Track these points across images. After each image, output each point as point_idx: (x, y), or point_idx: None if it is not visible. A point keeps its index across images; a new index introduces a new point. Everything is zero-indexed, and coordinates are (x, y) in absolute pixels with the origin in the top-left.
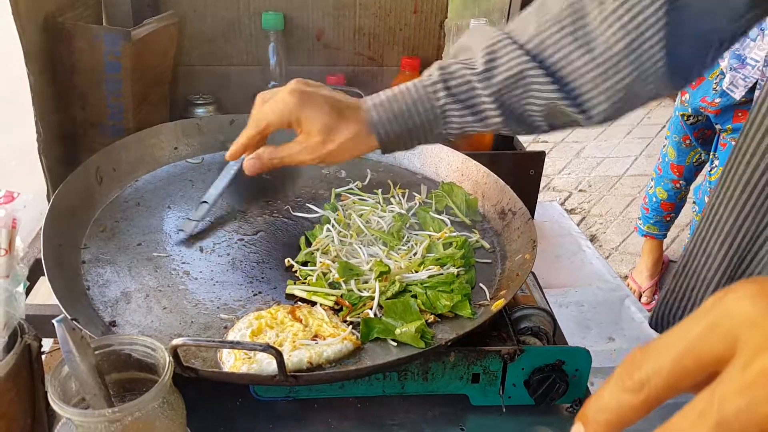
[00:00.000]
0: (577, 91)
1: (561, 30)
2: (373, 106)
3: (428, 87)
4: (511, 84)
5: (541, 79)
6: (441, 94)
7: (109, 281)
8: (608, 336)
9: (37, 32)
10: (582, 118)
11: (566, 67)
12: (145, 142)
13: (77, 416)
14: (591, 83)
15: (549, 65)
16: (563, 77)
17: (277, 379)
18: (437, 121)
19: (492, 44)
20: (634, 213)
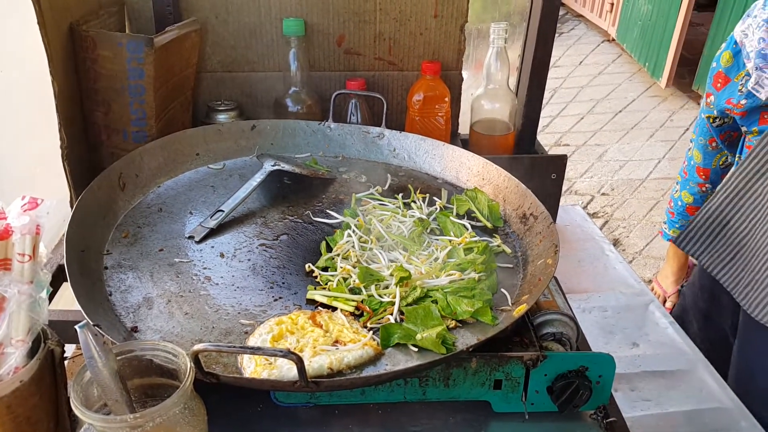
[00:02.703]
0: None
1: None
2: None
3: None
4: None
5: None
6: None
7: (131, 287)
8: (632, 341)
9: (62, 40)
10: None
11: None
12: (168, 148)
13: (99, 422)
14: None
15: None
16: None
17: (297, 385)
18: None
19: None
20: (657, 216)
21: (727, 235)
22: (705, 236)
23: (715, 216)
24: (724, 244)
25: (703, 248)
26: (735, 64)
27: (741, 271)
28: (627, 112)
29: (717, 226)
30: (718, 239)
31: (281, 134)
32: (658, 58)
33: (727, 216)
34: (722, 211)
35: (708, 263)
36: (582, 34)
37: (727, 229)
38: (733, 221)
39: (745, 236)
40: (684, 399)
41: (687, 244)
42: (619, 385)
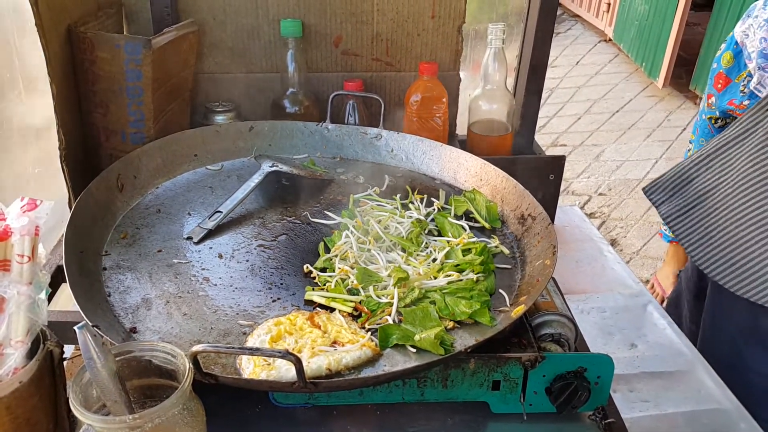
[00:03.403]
0: None
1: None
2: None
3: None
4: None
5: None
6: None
7: (129, 288)
8: (631, 342)
9: (60, 42)
10: None
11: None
12: (166, 149)
13: (98, 422)
14: None
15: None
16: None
17: (296, 386)
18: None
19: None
20: (654, 217)
21: (689, 190)
22: (670, 188)
23: (684, 171)
24: (685, 198)
25: (665, 198)
26: (736, 64)
27: (694, 225)
28: (624, 112)
29: (683, 181)
30: (680, 192)
31: (279, 135)
32: (655, 58)
33: (695, 173)
34: (691, 167)
35: (665, 212)
36: (579, 34)
37: (691, 184)
38: (699, 178)
39: (705, 194)
40: (683, 400)
41: (652, 193)
42: (618, 386)
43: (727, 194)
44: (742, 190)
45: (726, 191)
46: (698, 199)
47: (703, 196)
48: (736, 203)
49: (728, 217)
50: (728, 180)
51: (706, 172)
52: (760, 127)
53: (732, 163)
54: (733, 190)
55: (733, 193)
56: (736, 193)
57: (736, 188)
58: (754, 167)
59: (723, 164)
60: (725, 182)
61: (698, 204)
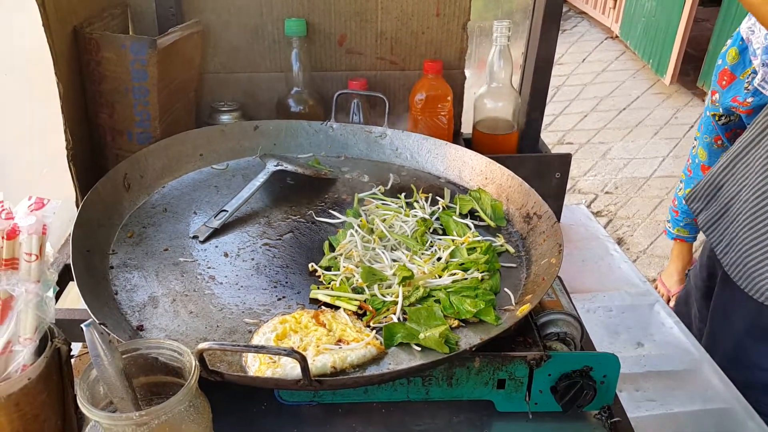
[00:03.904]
0: None
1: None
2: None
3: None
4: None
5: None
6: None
7: (136, 286)
8: (637, 341)
9: (66, 43)
10: None
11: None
12: (172, 149)
13: (105, 419)
14: None
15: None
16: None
17: (301, 384)
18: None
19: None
20: (662, 215)
21: (720, 197)
22: (704, 196)
23: (714, 178)
24: (717, 206)
25: (703, 206)
26: (741, 61)
27: (724, 231)
28: (631, 109)
29: (714, 188)
30: (713, 200)
31: (284, 134)
32: (662, 54)
33: (723, 179)
34: (719, 174)
35: (702, 222)
36: (585, 31)
37: (721, 191)
38: (726, 185)
39: (731, 199)
40: (689, 399)
41: (692, 202)
42: (624, 385)
43: (747, 199)
44: (757, 194)
45: (746, 196)
46: (726, 205)
47: (729, 203)
48: (753, 207)
49: (747, 222)
50: (748, 184)
51: (732, 177)
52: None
53: (750, 166)
54: (750, 195)
55: (751, 197)
56: (753, 198)
57: (753, 192)
58: (766, 171)
59: (744, 168)
60: (746, 187)
61: (726, 211)
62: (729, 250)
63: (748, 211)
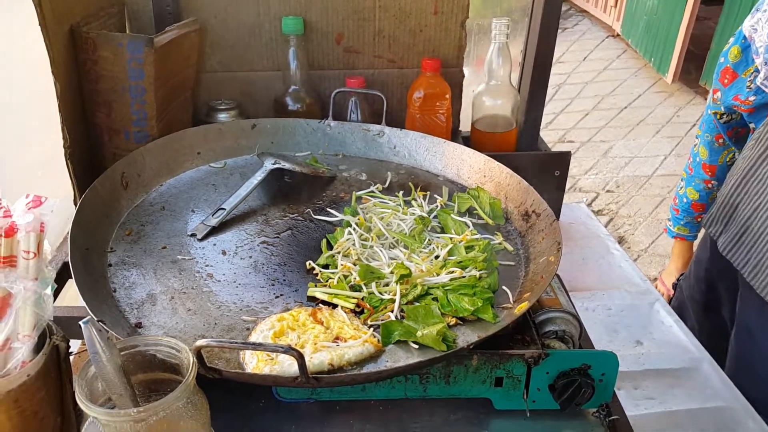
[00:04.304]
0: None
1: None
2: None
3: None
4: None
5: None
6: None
7: (134, 284)
8: (637, 340)
9: (63, 42)
10: None
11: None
12: (169, 147)
13: (103, 415)
14: None
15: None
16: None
17: (298, 381)
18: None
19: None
20: (663, 214)
21: (737, 217)
22: (721, 219)
23: (727, 199)
24: (734, 226)
25: (722, 229)
26: (743, 59)
27: (748, 251)
28: (632, 108)
29: (729, 209)
30: (730, 221)
31: (281, 133)
32: (664, 53)
33: (736, 199)
34: (732, 194)
35: (722, 245)
36: (586, 30)
37: (737, 211)
38: (741, 204)
39: (750, 217)
40: (688, 398)
41: (710, 225)
42: (623, 383)
43: (766, 215)
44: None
45: (766, 212)
46: (744, 225)
47: (747, 222)
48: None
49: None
50: (764, 201)
51: (746, 196)
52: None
53: (763, 181)
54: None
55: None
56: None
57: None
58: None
59: (757, 185)
60: (762, 203)
61: (746, 230)
62: (759, 271)
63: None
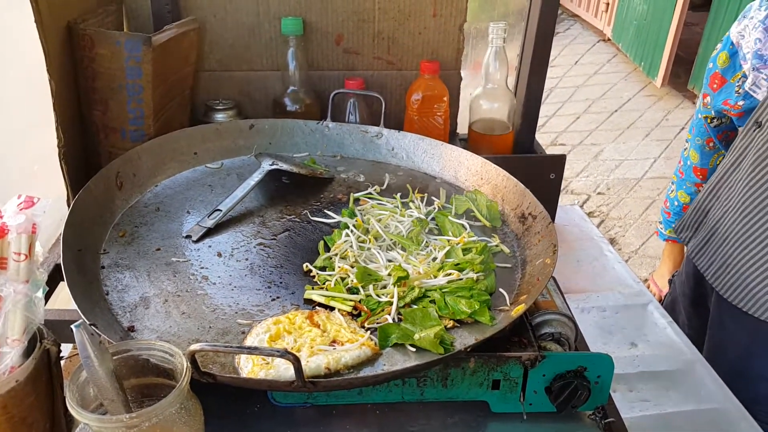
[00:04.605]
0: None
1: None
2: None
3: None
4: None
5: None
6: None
7: (128, 286)
8: (631, 342)
9: (59, 38)
10: None
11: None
12: (165, 147)
13: (95, 422)
14: None
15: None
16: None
17: (294, 385)
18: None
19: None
20: (653, 216)
21: (706, 223)
22: (692, 224)
23: (700, 205)
24: (703, 231)
25: (691, 234)
26: (732, 65)
27: (713, 255)
28: (622, 111)
29: (701, 215)
30: (700, 227)
31: (279, 133)
32: (654, 57)
33: (708, 205)
34: (705, 200)
35: (690, 249)
36: (577, 34)
37: (707, 217)
38: (712, 210)
39: (718, 222)
40: (683, 399)
41: (680, 231)
42: (618, 385)
43: (733, 221)
44: (743, 214)
45: (732, 218)
46: (712, 229)
47: (715, 226)
48: (740, 228)
49: (737, 241)
50: (731, 207)
51: (716, 202)
52: (749, 150)
53: (732, 188)
54: (736, 216)
55: (737, 218)
56: (739, 218)
57: (738, 213)
58: (749, 190)
59: (727, 192)
60: (730, 209)
61: (713, 235)
62: (722, 273)
63: (737, 233)
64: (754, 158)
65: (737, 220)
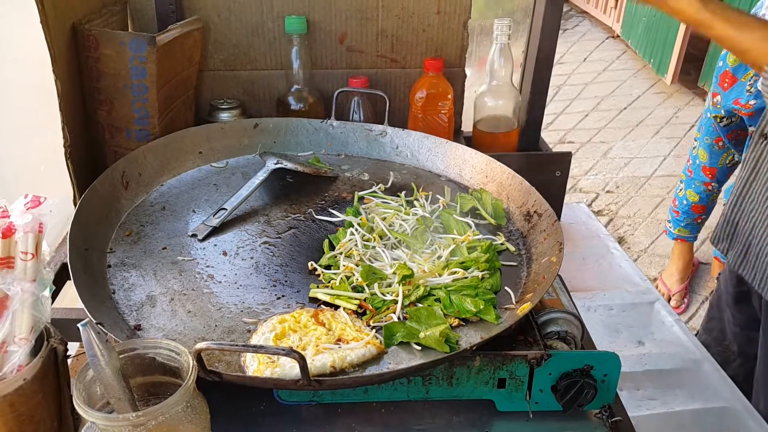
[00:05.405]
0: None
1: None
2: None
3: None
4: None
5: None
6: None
7: (134, 285)
8: (638, 340)
9: (65, 39)
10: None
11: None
12: (170, 146)
13: (102, 420)
14: None
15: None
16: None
17: (300, 384)
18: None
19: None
20: (662, 214)
21: (738, 234)
22: (726, 236)
23: (727, 217)
24: (738, 243)
25: (728, 246)
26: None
27: (753, 266)
28: (632, 108)
29: (731, 227)
30: (734, 238)
31: (284, 132)
32: (663, 54)
33: (735, 217)
34: (731, 212)
35: (731, 260)
36: (586, 31)
37: (738, 228)
38: (740, 222)
39: (750, 234)
40: (690, 398)
41: (717, 242)
42: (625, 384)
43: (763, 231)
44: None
45: (761, 229)
46: (746, 241)
47: (748, 238)
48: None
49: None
50: (759, 218)
51: (743, 214)
52: (762, 162)
53: (755, 200)
54: (764, 228)
55: (766, 229)
56: (767, 229)
57: (766, 225)
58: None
59: (750, 204)
60: (758, 221)
61: (749, 247)
62: (766, 282)
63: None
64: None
65: (766, 231)
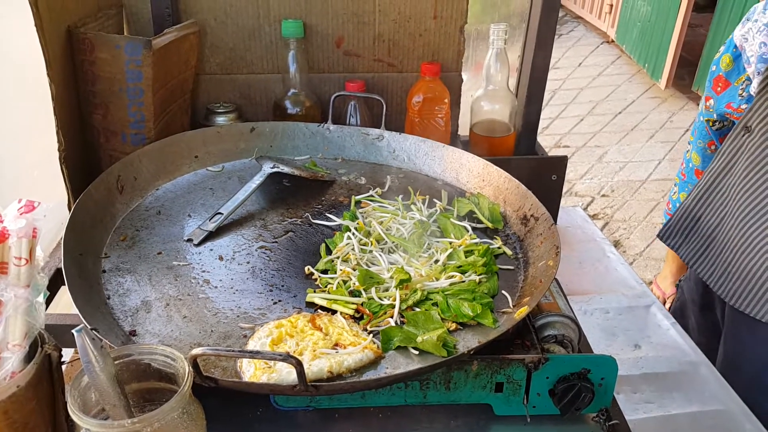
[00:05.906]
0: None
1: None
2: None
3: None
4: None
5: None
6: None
7: (129, 290)
8: (634, 343)
9: (60, 43)
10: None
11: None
12: (166, 150)
13: (97, 427)
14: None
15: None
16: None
17: (297, 389)
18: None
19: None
20: (658, 218)
21: (699, 228)
22: (681, 230)
23: (689, 211)
24: (698, 237)
25: (681, 241)
26: (735, 68)
27: (713, 262)
28: (627, 113)
29: (691, 221)
30: (692, 233)
31: (280, 136)
32: (658, 59)
33: (699, 211)
34: (695, 206)
35: (685, 255)
36: (581, 36)
37: (699, 223)
38: (705, 216)
39: (715, 229)
40: (687, 401)
41: (667, 237)
42: (622, 387)
43: (732, 226)
44: (742, 218)
45: (730, 223)
46: (709, 236)
47: (712, 233)
48: (741, 232)
49: (738, 248)
50: (728, 211)
51: (708, 207)
52: (740, 155)
53: (726, 194)
54: (735, 221)
55: (736, 223)
56: (738, 223)
57: (737, 218)
58: (745, 196)
59: (720, 197)
60: (727, 214)
61: (711, 241)
62: (726, 281)
63: (737, 239)
64: (746, 163)
65: (736, 227)
